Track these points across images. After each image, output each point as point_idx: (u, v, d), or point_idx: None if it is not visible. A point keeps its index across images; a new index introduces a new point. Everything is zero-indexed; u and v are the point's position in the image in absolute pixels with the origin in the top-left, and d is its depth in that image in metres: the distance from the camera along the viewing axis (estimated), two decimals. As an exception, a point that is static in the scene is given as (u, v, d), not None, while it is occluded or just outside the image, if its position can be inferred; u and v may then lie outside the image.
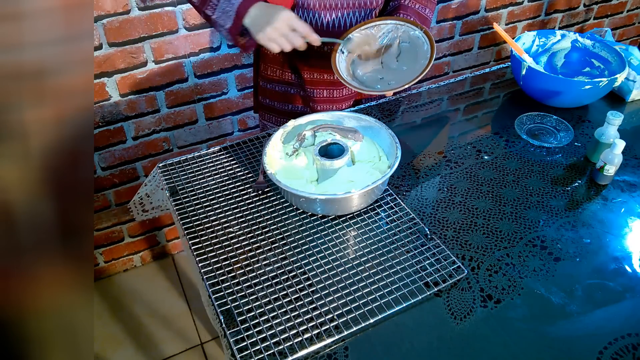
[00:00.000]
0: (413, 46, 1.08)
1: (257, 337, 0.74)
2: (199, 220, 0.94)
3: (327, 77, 1.18)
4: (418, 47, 1.07)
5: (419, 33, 1.06)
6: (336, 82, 1.19)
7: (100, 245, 1.88)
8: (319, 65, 1.16)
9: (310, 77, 1.18)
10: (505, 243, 0.90)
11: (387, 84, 1.07)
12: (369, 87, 1.07)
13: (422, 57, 1.06)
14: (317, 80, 1.18)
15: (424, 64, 1.03)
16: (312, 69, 1.17)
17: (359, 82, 1.08)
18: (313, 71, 1.17)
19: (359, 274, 0.83)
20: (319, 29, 1.09)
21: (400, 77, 1.07)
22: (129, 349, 1.76)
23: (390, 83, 1.07)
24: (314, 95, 1.21)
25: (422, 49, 1.06)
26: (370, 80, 1.10)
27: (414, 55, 1.08)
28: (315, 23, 1.08)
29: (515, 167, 1.07)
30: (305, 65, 1.17)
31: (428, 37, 1.05)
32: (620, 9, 2.37)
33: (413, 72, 1.04)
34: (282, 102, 1.24)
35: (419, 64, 1.05)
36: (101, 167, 1.68)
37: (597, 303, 0.80)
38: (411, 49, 1.09)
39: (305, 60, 1.16)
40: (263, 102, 1.29)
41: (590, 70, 1.33)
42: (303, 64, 1.17)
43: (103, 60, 1.47)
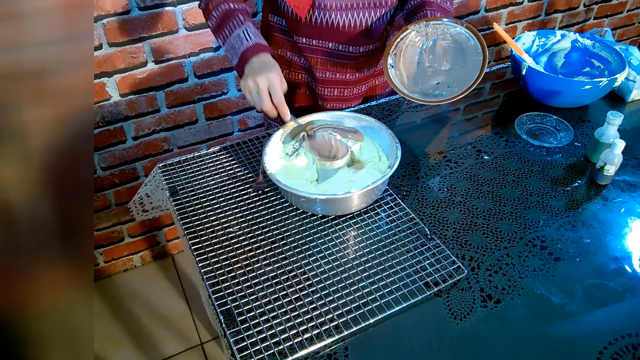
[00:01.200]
0: (456, 43, 1.05)
1: (257, 337, 0.74)
2: (199, 220, 0.94)
3: (339, 76, 1.18)
4: (462, 43, 1.04)
5: (460, 29, 1.03)
6: (348, 82, 1.19)
7: (100, 245, 1.88)
8: (331, 64, 1.16)
9: (322, 76, 1.18)
10: (505, 243, 0.90)
11: (446, 87, 1.04)
12: (428, 95, 1.05)
13: (473, 54, 1.02)
14: (329, 80, 1.18)
15: (478, 60, 1.00)
16: (325, 68, 1.17)
17: (419, 94, 1.05)
18: (325, 71, 1.17)
19: (359, 274, 0.83)
20: (334, 29, 1.08)
21: (456, 78, 1.03)
22: (129, 349, 1.76)
23: (449, 86, 1.04)
24: (325, 94, 1.21)
25: (469, 45, 1.03)
26: (425, 87, 1.07)
27: (461, 52, 1.04)
28: (332, 24, 1.07)
29: (515, 167, 1.07)
30: (317, 65, 1.17)
31: (472, 31, 1.01)
32: (620, 9, 2.37)
33: (467, 71, 1.00)
34: (288, 101, 1.24)
35: (471, 61, 1.02)
36: (101, 167, 1.68)
37: (597, 303, 0.80)
38: (456, 47, 1.05)
39: (317, 60, 1.16)
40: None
41: (590, 70, 1.33)
42: (315, 63, 1.17)
43: (103, 60, 1.47)
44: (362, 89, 1.23)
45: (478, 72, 0.99)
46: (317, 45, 1.13)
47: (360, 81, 1.21)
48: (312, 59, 1.16)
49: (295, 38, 1.13)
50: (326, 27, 1.08)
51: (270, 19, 1.17)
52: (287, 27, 1.13)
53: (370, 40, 1.14)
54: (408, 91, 1.05)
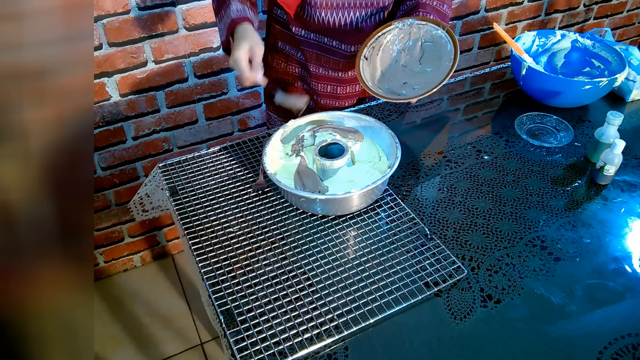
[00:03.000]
0: (436, 46, 1.04)
1: (257, 337, 0.74)
2: (199, 220, 0.94)
3: (332, 73, 1.18)
4: (441, 47, 1.03)
5: (442, 32, 1.01)
6: (341, 80, 1.19)
7: (100, 245, 1.88)
8: (325, 60, 1.16)
9: (316, 71, 1.18)
10: (505, 243, 0.90)
11: (411, 89, 1.04)
12: (394, 93, 1.04)
13: (446, 59, 1.01)
14: (322, 76, 1.19)
15: (448, 65, 0.99)
16: (319, 63, 1.17)
17: (385, 90, 1.05)
18: (319, 66, 1.17)
19: (359, 274, 0.83)
20: (325, 27, 1.09)
21: (424, 80, 1.03)
22: (129, 349, 1.76)
23: (414, 88, 1.03)
24: (319, 89, 1.21)
25: (446, 49, 1.02)
26: (394, 85, 1.06)
27: (438, 56, 1.04)
28: (322, 22, 1.08)
29: (515, 167, 1.07)
30: (312, 59, 1.17)
31: (450, 36, 1.00)
32: (620, 9, 2.37)
33: (437, 75, 0.99)
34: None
35: (443, 66, 1.01)
36: (101, 167, 1.68)
37: (597, 303, 0.80)
38: (435, 50, 1.04)
39: (312, 54, 1.16)
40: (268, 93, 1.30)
41: (590, 70, 1.33)
42: (310, 57, 1.17)
43: (103, 60, 1.47)
44: (355, 89, 1.23)
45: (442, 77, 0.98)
46: (313, 39, 1.13)
47: (353, 80, 1.21)
48: (307, 53, 1.16)
49: (294, 30, 1.13)
50: (318, 24, 1.09)
51: (274, 11, 1.18)
52: (286, 19, 1.14)
53: (360, 40, 1.14)
54: (373, 85, 1.05)
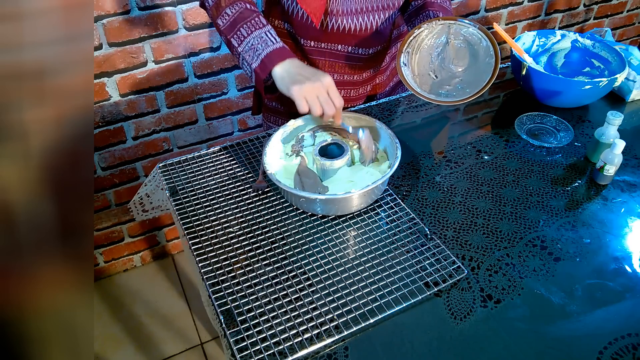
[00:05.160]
0: (469, 44, 1.05)
1: (257, 337, 0.74)
2: (199, 220, 0.94)
3: (347, 77, 1.18)
4: (474, 44, 1.03)
5: (473, 30, 1.01)
6: (356, 82, 1.19)
7: (100, 245, 1.88)
8: (340, 66, 1.16)
9: None
10: (505, 243, 0.90)
11: (457, 88, 1.04)
12: (440, 96, 1.04)
13: (485, 55, 1.01)
14: (336, 82, 1.18)
15: (490, 62, 0.99)
16: (333, 70, 1.17)
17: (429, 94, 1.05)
18: (333, 72, 1.17)
19: (359, 274, 0.83)
20: (345, 33, 1.09)
21: (469, 79, 1.03)
22: (129, 349, 1.76)
23: (461, 86, 1.04)
24: None
25: (481, 46, 1.02)
26: (435, 88, 1.06)
27: (473, 54, 1.04)
28: (343, 28, 1.07)
29: (515, 167, 1.07)
30: (325, 67, 1.16)
31: (484, 33, 1.00)
32: (620, 9, 2.37)
33: (482, 72, 0.99)
34: (290, 104, 1.24)
35: (483, 63, 1.01)
36: (101, 167, 1.68)
37: (597, 303, 0.80)
38: (468, 48, 1.05)
39: (325, 62, 1.16)
40: (269, 105, 1.28)
41: (590, 70, 1.33)
42: (323, 65, 1.16)
43: (103, 60, 1.47)
44: (367, 89, 1.24)
45: (490, 74, 0.98)
46: (326, 49, 1.12)
47: (366, 81, 1.21)
48: (319, 62, 1.15)
49: (303, 42, 1.13)
50: (337, 32, 1.08)
51: (272, 22, 1.16)
52: (293, 31, 1.13)
53: (378, 42, 1.15)
54: (421, 90, 1.05)
